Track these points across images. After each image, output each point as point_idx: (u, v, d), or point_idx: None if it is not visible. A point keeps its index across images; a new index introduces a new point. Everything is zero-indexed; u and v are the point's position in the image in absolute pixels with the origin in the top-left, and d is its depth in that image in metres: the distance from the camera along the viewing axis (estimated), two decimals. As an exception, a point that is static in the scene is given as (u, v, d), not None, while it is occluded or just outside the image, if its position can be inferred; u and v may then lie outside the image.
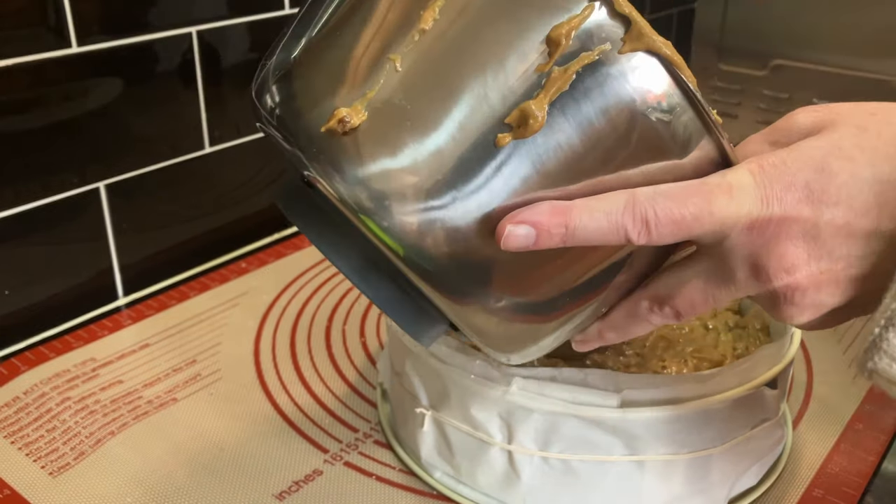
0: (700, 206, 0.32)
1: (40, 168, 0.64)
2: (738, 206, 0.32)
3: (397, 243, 0.32)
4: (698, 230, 0.33)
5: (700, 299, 0.36)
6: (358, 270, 0.37)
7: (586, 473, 0.46)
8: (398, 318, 0.37)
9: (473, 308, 0.35)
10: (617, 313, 0.38)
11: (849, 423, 0.56)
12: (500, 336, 0.37)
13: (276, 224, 0.86)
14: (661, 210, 0.32)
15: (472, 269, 0.34)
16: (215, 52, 0.75)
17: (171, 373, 0.62)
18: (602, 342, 0.40)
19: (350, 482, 0.51)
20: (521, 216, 0.32)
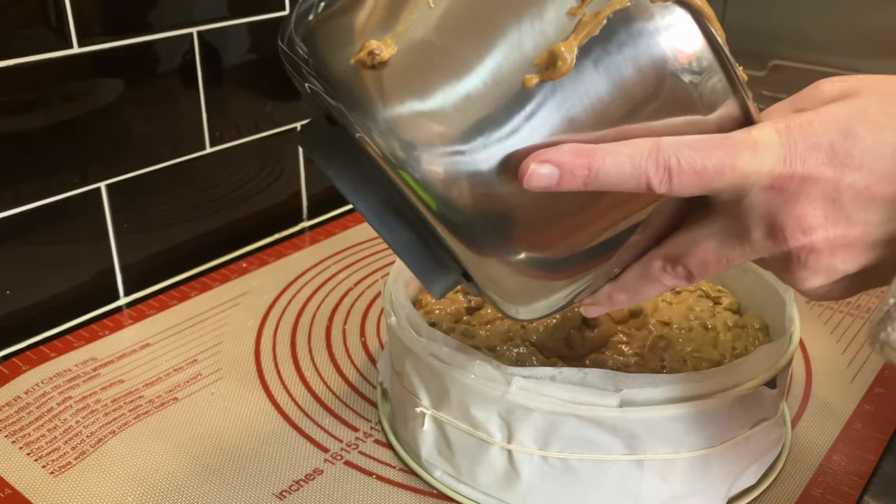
0: (723, 159, 0.32)
1: (41, 168, 0.65)
2: (761, 163, 0.32)
3: (424, 192, 0.32)
4: (719, 183, 0.32)
5: (713, 259, 0.36)
6: (377, 213, 0.36)
7: (586, 473, 0.46)
8: (413, 263, 0.37)
9: (492, 260, 0.35)
10: (629, 274, 0.38)
11: (847, 423, 0.56)
12: (514, 289, 0.37)
13: (276, 224, 0.86)
14: (684, 159, 0.32)
15: (495, 220, 0.34)
16: (216, 53, 0.75)
17: (171, 372, 0.62)
18: (612, 306, 0.40)
19: (350, 481, 0.51)
20: (545, 155, 0.32)
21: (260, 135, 0.81)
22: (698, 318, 0.56)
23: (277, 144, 0.83)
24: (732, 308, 0.59)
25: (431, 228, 0.34)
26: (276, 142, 0.83)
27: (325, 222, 0.89)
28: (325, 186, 0.90)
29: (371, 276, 0.76)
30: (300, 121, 0.85)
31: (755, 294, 0.58)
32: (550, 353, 0.53)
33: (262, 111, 0.81)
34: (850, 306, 0.71)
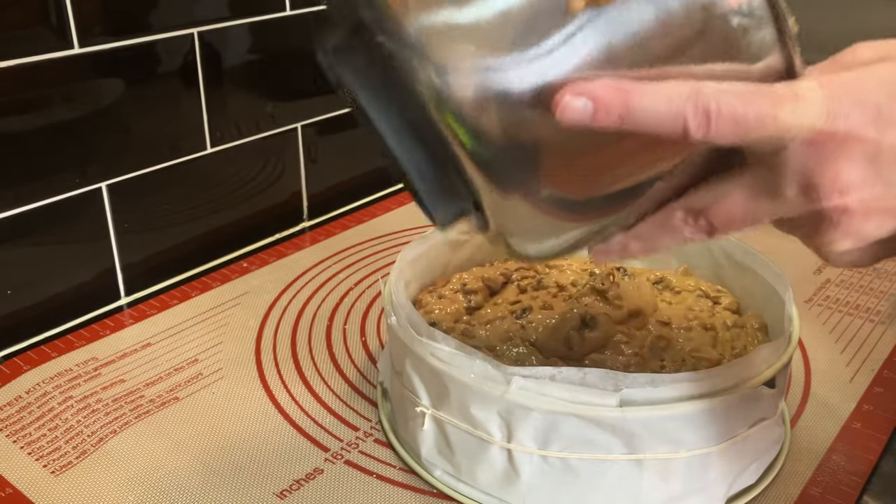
0: (765, 108, 0.31)
1: (42, 168, 0.65)
2: (803, 117, 0.31)
3: (450, 111, 0.31)
4: (758, 133, 0.31)
5: (739, 213, 0.34)
6: (396, 133, 0.35)
7: (585, 472, 0.46)
8: (423, 190, 0.36)
9: (509, 192, 0.33)
10: (646, 224, 0.37)
11: (847, 422, 0.56)
12: (526, 225, 0.36)
13: (277, 224, 0.86)
14: (724, 105, 0.31)
15: (520, 150, 0.32)
16: (216, 53, 0.75)
17: (172, 372, 0.62)
18: (624, 254, 0.38)
19: (351, 481, 0.52)
20: (581, 87, 0.31)
21: (260, 135, 0.81)
22: (697, 317, 0.56)
23: (278, 144, 0.84)
24: (732, 308, 0.59)
25: (452, 153, 0.33)
26: (277, 142, 0.83)
27: (325, 222, 0.89)
28: (325, 186, 0.90)
29: (371, 276, 0.77)
30: (300, 121, 0.85)
31: (754, 294, 0.58)
32: (550, 353, 0.53)
33: (263, 111, 0.81)
34: (850, 306, 0.71)
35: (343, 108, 0.89)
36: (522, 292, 0.60)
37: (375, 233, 0.86)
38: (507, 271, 0.62)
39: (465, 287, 0.60)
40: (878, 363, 0.63)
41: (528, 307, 0.57)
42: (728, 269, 0.61)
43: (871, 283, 0.75)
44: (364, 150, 0.94)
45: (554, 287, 0.60)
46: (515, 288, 0.61)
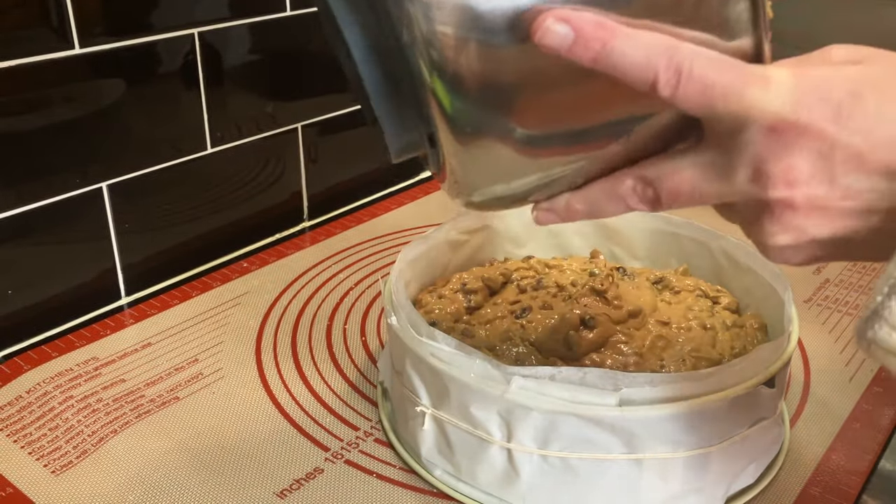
0: (734, 83, 0.31)
1: (43, 168, 0.65)
2: (769, 101, 0.31)
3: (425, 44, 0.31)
4: (722, 107, 0.32)
5: (687, 189, 0.35)
6: (362, 47, 0.35)
7: (585, 472, 0.46)
8: (381, 113, 0.36)
9: (467, 124, 0.33)
10: (594, 187, 0.37)
11: (846, 422, 0.57)
12: (478, 165, 0.35)
13: (277, 224, 0.86)
14: (697, 68, 0.31)
15: (486, 76, 0.32)
16: (217, 54, 0.75)
17: (172, 372, 0.62)
18: (567, 215, 0.38)
19: (351, 480, 0.52)
20: (566, 13, 0.31)
21: (261, 135, 0.81)
22: (697, 317, 0.57)
23: (278, 145, 0.84)
24: (731, 308, 0.59)
25: (417, 84, 0.33)
26: (277, 142, 0.83)
27: (325, 222, 0.89)
28: (325, 186, 0.90)
29: (371, 276, 0.77)
30: (301, 121, 0.85)
31: (754, 293, 0.59)
32: (549, 353, 0.53)
33: (263, 111, 0.81)
34: (849, 306, 0.71)
35: (343, 109, 0.89)
36: (522, 292, 0.60)
37: (375, 233, 0.86)
38: (507, 271, 0.63)
39: (465, 287, 0.60)
40: (877, 363, 0.63)
41: (528, 307, 0.57)
42: (728, 269, 0.61)
43: (870, 283, 0.75)
44: (364, 150, 0.94)
45: (554, 287, 0.60)
46: (515, 288, 0.61)
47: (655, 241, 0.66)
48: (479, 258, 0.66)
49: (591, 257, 0.67)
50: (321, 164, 0.89)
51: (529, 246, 0.68)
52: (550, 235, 0.68)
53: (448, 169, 0.36)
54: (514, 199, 0.38)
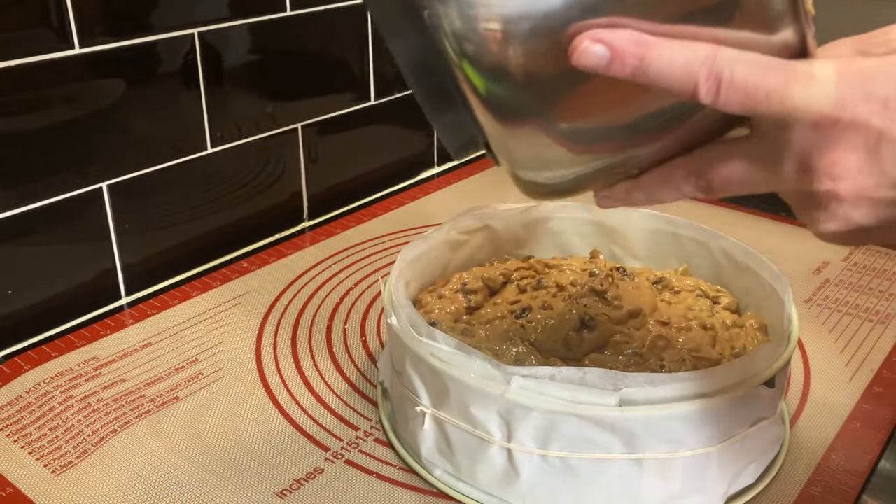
0: (777, 85, 0.32)
1: (43, 168, 0.65)
2: (812, 99, 0.31)
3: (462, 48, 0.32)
4: (765, 109, 0.32)
5: (737, 179, 0.35)
6: (407, 59, 0.36)
7: (585, 472, 0.46)
8: (432, 116, 0.37)
9: (515, 126, 0.34)
10: (651, 175, 0.38)
11: (846, 422, 0.57)
12: (532, 154, 0.36)
13: (277, 224, 0.86)
14: (738, 75, 0.32)
15: (538, 81, 0.33)
16: (217, 54, 0.75)
17: (173, 372, 0.62)
18: (626, 202, 0.39)
19: (351, 480, 0.52)
20: (601, 35, 0.32)
21: (261, 135, 0.81)
22: (697, 317, 0.57)
23: (278, 145, 0.84)
24: (731, 308, 0.59)
25: (459, 88, 0.34)
26: (277, 142, 0.83)
27: (325, 222, 0.89)
28: (325, 186, 0.90)
29: (371, 276, 0.77)
30: (301, 121, 0.85)
31: (754, 293, 0.59)
32: (549, 353, 0.53)
33: (263, 111, 0.81)
34: (849, 306, 0.71)
35: (343, 109, 0.90)
36: (522, 292, 0.60)
37: (375, 233, 0.86)
38: (506, 271, 0.63)
39: (465, 287, 0.60)
40: (877, 363, 0.63)
41: (528, 307, 0.57)
42: (728, 269, 0.61)
43: (870, 283, 0.75)
44: (364, 150, 0.94)
45: (553, 287, 0.60)
46: (515, 288, 0.61)
47: (655, 241, 0.66)
48: (479, 258, 0.66)
49: (591, 257, 0.67)
50: (321, 164, 0.89)
51: (529, 246, 0.68)
52: (550, 235, 0.68)
53: (499, 157, 0.37)
54: (577, 184, 0.38)
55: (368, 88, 0.92)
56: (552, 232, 0.68)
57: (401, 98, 0.96)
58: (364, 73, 0.91)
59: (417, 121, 1.01)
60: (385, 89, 0.94)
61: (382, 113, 0.95)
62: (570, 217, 0.68)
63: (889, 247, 0.35)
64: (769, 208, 0.92)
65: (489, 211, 0.65)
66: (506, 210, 0.66)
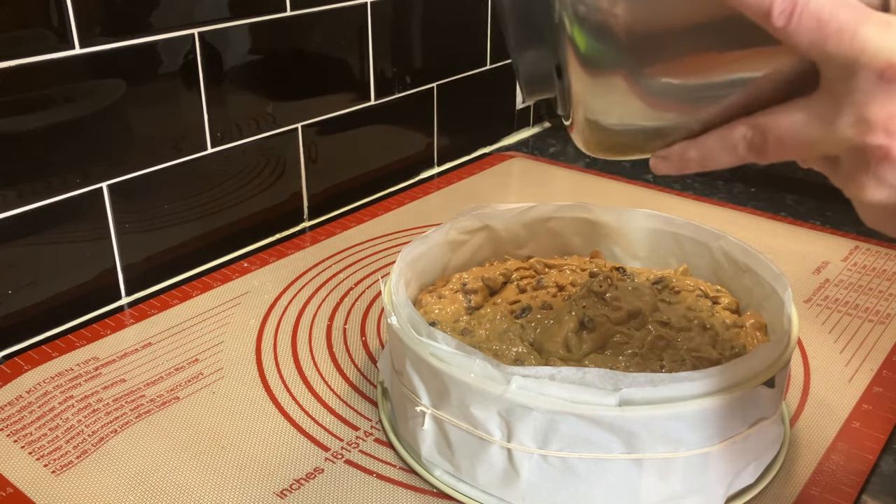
0: (850, 21, 0.31)
1: (43, 168, 0.65)
2: (883, 43, 0.31)
3: None
4: (834, 45, 0.31)
5: (791, 135, 0.34)
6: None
7: (585, 471, 0.46)
8: (516, 41, 0.39)
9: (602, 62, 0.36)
10: (710, 135, 0.38)
11: (846, 422, 0.57)
12: (603, 101, 0.37)
13: (277, 224, 0.86)
14: (813, 2, 0.31)
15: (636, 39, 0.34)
16: (217, 54, 0.75)
17: (173, 371, 0.62)
18: (680, 164, 0.39)
19: (351, 480, 0.52)
20: None
21: (261, 135, 0.81)
22: (697, 317, 0.57)
23: (278, 145, 0.84)
24: (731, 307, 0.59)
25: (555, 21, 0.35)
26: (277, 142, 0.83)
27: (325, 222, 0.89)
28: (325, 186, 0.90)
29: (371, 276, 0.77)
30: (300, 121, 0.85)
31: (754, 293, 0.59)
32: (549, 354, 0.53)
33: (263, 112, 0.81)
34: (849, 306, 0.71)
35: (343, 109, 0.90)
36: (522, 292, 0.61)
37: (375, 233, 0.86)
38: (506, 271, 0.63)
39: (465, 287, 0.60)
40: (877, 363, 0.63)
41: (528, 307, 0.57)
42: (727, 269, 0.61)
43: (870, 283, 0.75)
44: (364, 150, 0.94)
45: (553, 287, 0.60)
46: (515, 288, 0.61)
47: (655, 241, 0.66)
48: (479, 258, 0.66)
49: (591, 257, 0.67)
50: (321, 164, 0.89)
51: (529, 246, 0.68)
52: (550, 235, 0.68)
53: (574, 101, 0.38)
54: (638, 137, 0.39)
55: (368, 88, 0.92)
56: (552, 232, 0.68)
57: (401, 98, 0.96)
58: (364, 73, 0.91)
59: (417, 121, 1.01)
60: (385, 89, 0.94)
61: (382, 113, 0.95)
62: (570, 217, 0.68)
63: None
64: (769, 208, 0.92)
65: (489, 211, 0.65)
66: (506, 210, 0.66)
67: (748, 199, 0.95)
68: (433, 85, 1.01)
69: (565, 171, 1.04)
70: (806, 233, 0.85)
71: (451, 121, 1.05)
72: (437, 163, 1.06)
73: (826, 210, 0.91)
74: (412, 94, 0.98)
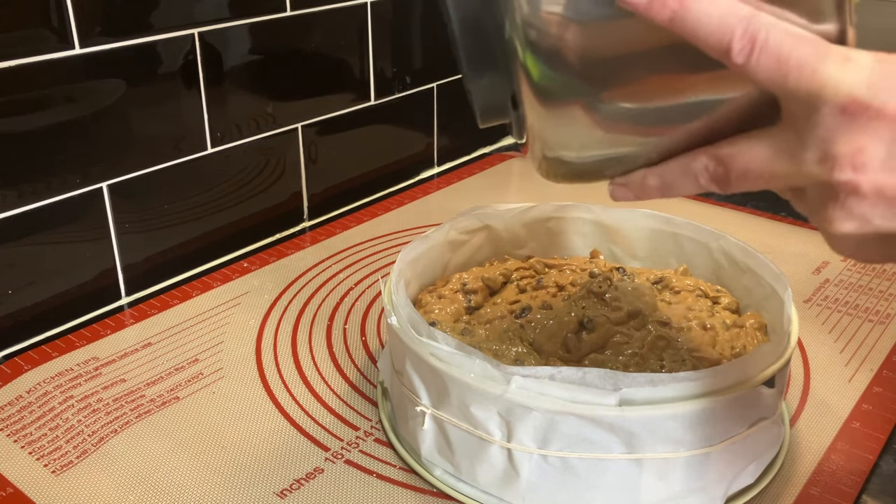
0: (810, 57, 0.31)
1: (44, 168, 0.65)
2: (844, 78, 0.31)
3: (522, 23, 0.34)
4: (795, 80, 0.31)
5: (755, 168, 0.34)
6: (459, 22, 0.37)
7: (585, 471, 0.46)
8: (469, 71, 0.38)
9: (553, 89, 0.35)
10: (670, 164, 0.37)
11: (846, 422, 0.57)
12: (559, 131, 0.37)
13: (277, 224, 0.86)
14: (773, 39, 0.31)
15: (590, 64, 0.34)
16: (217, 54, 0.75)
17: (173, 371, 0.62)
18: (640, 191, 0.39)
19: (351, 480, 0.52)
20: None
21: (261, 135, 0.81)
22: (697, 317, 0.57)
23: (278, 145, 0.84)
24: (731, 308, 0.59)
25: (508, 49, 0.35)
26: (277, 142, 0.83)
27: (325, 222, 0.89)
28: (325, 186, 0.90)
29: (371, 276, 0.77)
30: (300, 121, 0.85)
31: (754, 293, 0.59)
32: (548, 355, 0.53)
33: (263, 112, 0.81)
34: (849, 306, 0.71)
35: (343, 109, 0.90)
36: (522, 292, 0.61)
37: (375, 233, 0.86)
38: (506, 271, 0.63)
39: (465, 287, 0.60)
40: (877, 363, 0.63)
41: (528, 307, 0.57)
42: (727, 269, 0.61)
43: (870, 283, 0.75)
44: (364, 150, 0.94)
45: (553, 287, 0.60)
46: (515, 288, 0.61)
47: (655, 241, 0.66)
48: (479, 258, 0.66)
49: (591, 257, 0.67)
50: (321, 164, 0.89)
51: (529, 246, 0.68)
52: (550, 235, 0.68)
53: (529, 133, 0.38)
54: (596, 166, 0.39)
55: (368, 88, 0.92)
56: (552, 232, 0.68)
57: (401, 98, 0.96)
58: (364, 73, 0.91)
59: (417, 121, 1.01)
60: (385, 89, 0.94)
61: (382, 113, 0.95)
62: (570, 217, 0.68)
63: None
64: (769, 208, 0.92)
65: (489, 211, 0.65)
66: (506, 210, 0.66)
67: (748, 199, 0.95)
68: (433, 85, 1.01)
69: (565, 171, 1.03)
70: (806, 233, 0.85)
71: (451, 121, 1.05)
72: (437, 163, 1.06)
73: (826, 210, 0.91)
74: (412, 94, 0.98)
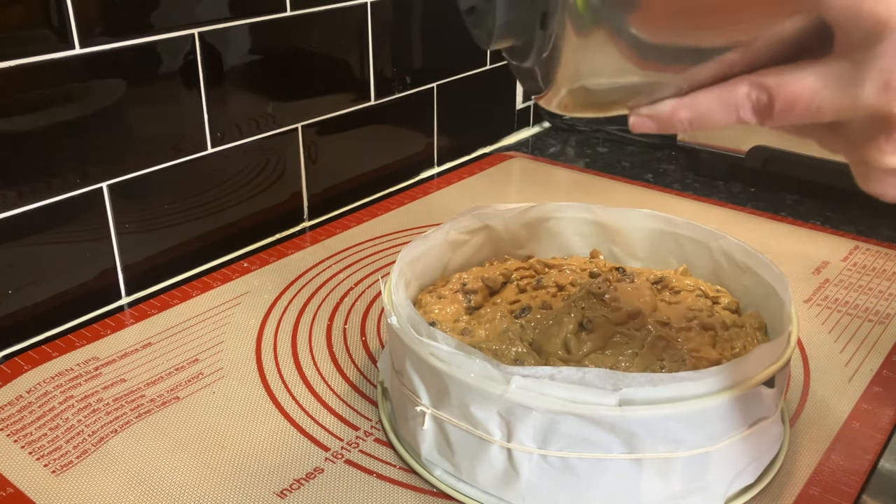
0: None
1: (44, 168, 0.65)
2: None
3: None
4: (868, 7, 0.29)
5: (805, 99, 0.32)
6: None
7: (585, 471, 0.46)
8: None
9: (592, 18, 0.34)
10: (705, 93, 0.35)
11: (846, 422, 0.57)
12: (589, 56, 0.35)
13: (277, 224, 0.86)
14: None
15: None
16: (217, 54, 0.75)
17: (173, 371, 0.62)
18: (668, 123, 0.36)
19: (351, 480, 0.52)
20: None
21: (261, 135, 0.81)
22: (697, 317, 0.57)
23: (278, 144, 0.84)
24: (731, 307, 0.59)
25: None
26: (277, 142, 0.83)
27: (325, 222, 0.89)
28: (325, 186, 0.90)
29: (371, 276, 0.77)
30: (300, 121, 0.85)
31: (754, 293, 0.59)
32: (548, 355, 0.53)
33: (263, 111, 0.81)
34: (849, 306, 0.71)
35: (343, 109, 0.90)
36: (522, 292, 0.61)
37: (375, 233, 0.86)
38: (506, 271, 0.63)
39: (465, 287, 0.60)
40: (877, 363, 0.63)
41: (528, 307, 0.57)
42: (727, 269, 0.61)
43: (870, 283, 0.75)
44: (364, 150, 0.94)
45: (553, 287, 0.60)
46: (515, 288, 0.61)
47: (655, 241, 0.66)
48: (479, 258, 0.66)
49: (590, 257, 0.67)
50: (321, 164, 0.89)
51: (529, 246, 0.68)
52: (550, 235, 0.68)
53: (558, 56, 0.36)
54: (615, 99, 0.37)
55: (368, 88, 0.92)
56: (552, 232, 0.68)
57: (401, 98, 0.96)
58: (364, 73, 0.91)
59: (417, 121, 1.01)
60: (385, 89, 0.94)
61: (382, 113, 0.95)
62: (570, 217, 0.68)
63: None
64: (769, 208, 0.92)
65: (489, 211, 0.65)
66: (506, 210, 0.66)
67: (748, 199, 0.95)
68: (433, 85, 1.01)
69: (565, 171, 1.04)
70: (806, 233, 0.85)
71: (451, 121, 1.05)
72: (437, 163, 1.06)
73: (826, 210, 0.91)
74: (412, 94, 0.98)
